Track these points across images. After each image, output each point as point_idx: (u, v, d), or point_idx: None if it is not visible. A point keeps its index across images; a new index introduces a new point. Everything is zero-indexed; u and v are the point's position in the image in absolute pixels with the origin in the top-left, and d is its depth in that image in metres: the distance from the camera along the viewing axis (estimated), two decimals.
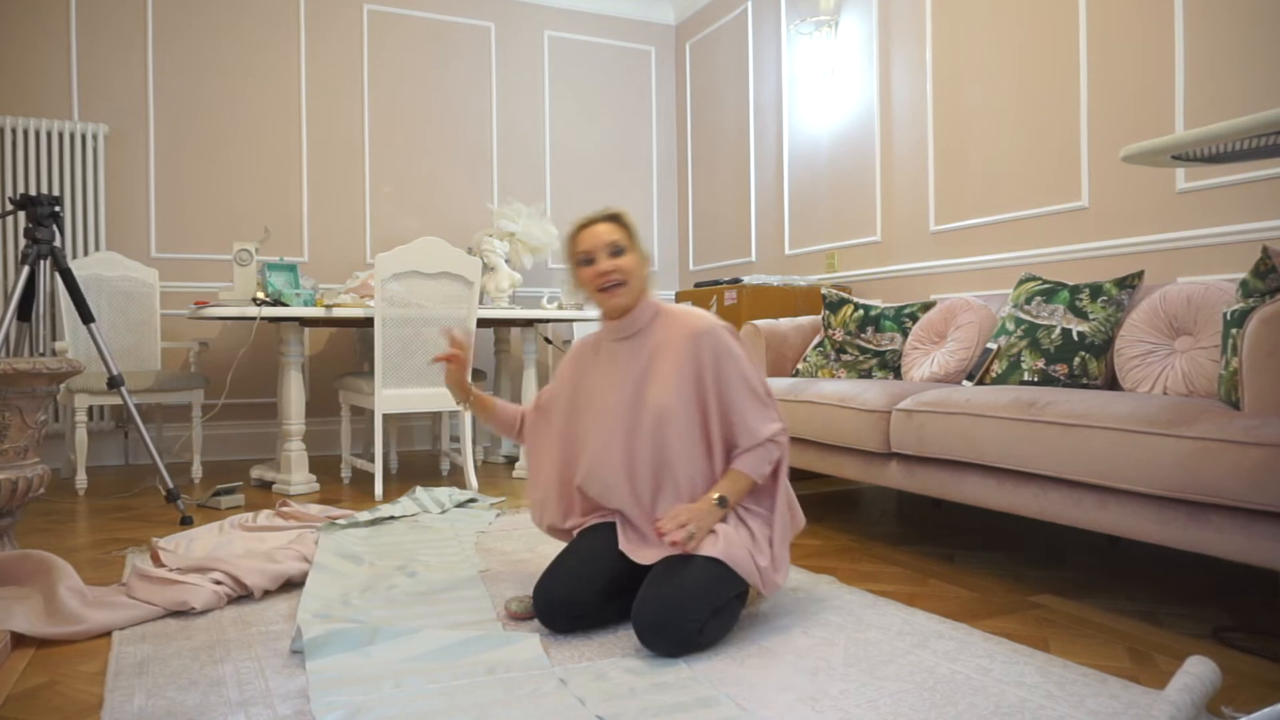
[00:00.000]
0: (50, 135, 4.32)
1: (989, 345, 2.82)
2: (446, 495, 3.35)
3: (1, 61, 4.33)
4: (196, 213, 4.72)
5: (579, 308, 4.23)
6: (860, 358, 3.31)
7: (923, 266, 3.91)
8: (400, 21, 5.17)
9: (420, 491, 3.36)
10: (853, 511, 3.33)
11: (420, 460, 4.72)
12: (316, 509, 3.03)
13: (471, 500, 3.41)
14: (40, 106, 4.39)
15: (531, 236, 4.65)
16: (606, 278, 1.94)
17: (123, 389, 3.19)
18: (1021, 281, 2.83)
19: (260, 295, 3.55)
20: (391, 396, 3.56)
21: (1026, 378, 2.60)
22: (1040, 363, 2.58)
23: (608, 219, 1.98)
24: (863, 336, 3.32)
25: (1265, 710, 1.21)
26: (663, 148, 5.92)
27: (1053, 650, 1.78)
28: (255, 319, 3.51)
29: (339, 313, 3.59)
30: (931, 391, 2.49)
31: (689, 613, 1.71)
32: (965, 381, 2.81)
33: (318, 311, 3.56)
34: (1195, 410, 1.79)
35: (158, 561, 2.37)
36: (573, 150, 5.65)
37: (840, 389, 2.78)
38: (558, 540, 2.18)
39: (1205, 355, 2.24)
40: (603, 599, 1.88)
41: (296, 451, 3.69)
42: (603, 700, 1.52)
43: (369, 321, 3.68)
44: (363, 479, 4.01)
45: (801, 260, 4.76)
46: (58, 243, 3.20)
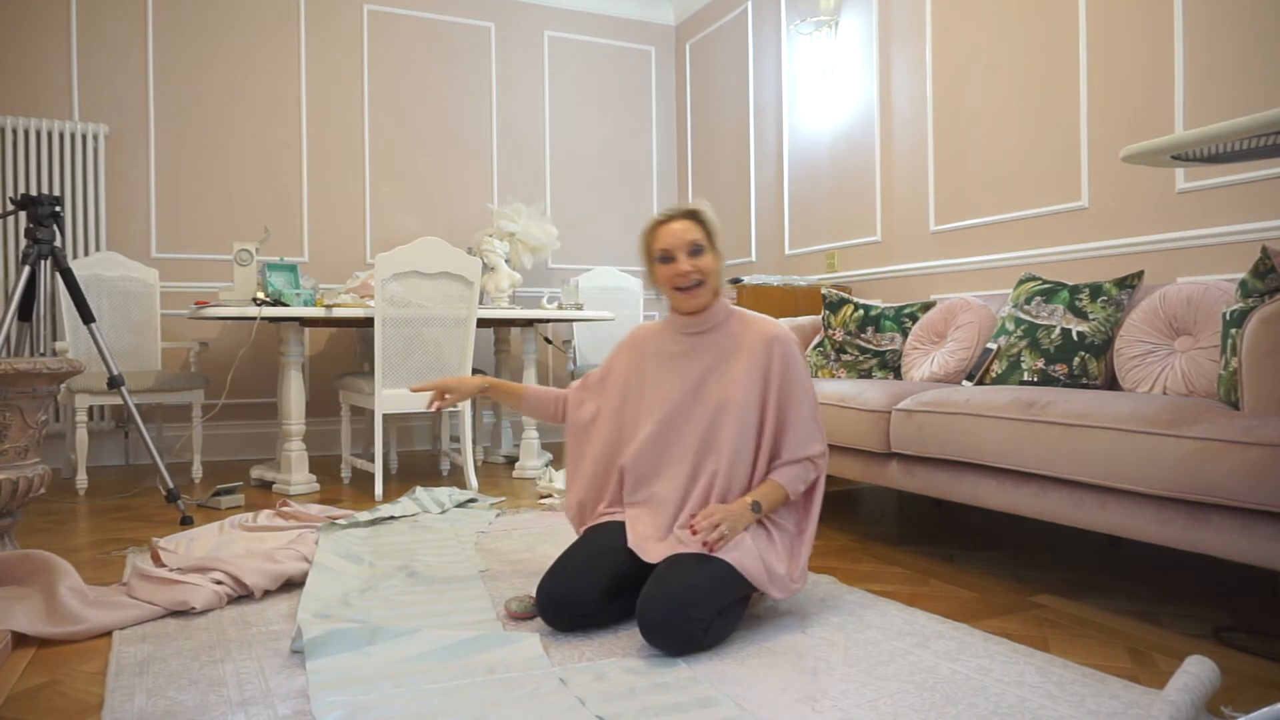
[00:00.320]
0: (50, 135, 4.33)
1: (989, 345, 2.82)
2: (446, 495, 3.35)
3: (1, 61, 4.34)
4: (196, 213, 4.72)
5: (579, 308, 4.23)
6: (860, 358, 3.31)
7: (923, 266, 3.92)
8: (400, 21, 5.17)
9: (420, 491, 3.36)
10: (853, 511, 3.33)
11: (420, 460, 4.72)
12: (316, 509, 3.03)
13: (471, 500, 3.42)
14: (40, 106, 4.39)
15: (531, 236, 4.65)
16: (686, 277, 1.96)
17: (123, 389, 3.19)
18: (1021, 281, 2.83)
19: (260, 295, 3.55)
20: (391, 396, 3.56)
21: (1026, 378, 2.60)
22: (1040, 363, 2.58)
23: (687, 215, 1.98)
24: (863, 336, 3.33)
25: (1265, 710, 1.21)
26: (663, 148, 5.92)
27: (1053, 650, 1.78)
28: (255, 319, 3.51)
29: (339, 313, 3.59)
30: (931, 391, 2.49)
31: (694, 612, 1.72)
32: (965, 381, 2.81)
33: (318, 311, 3.56)
34: (1195, 410, 1.80)
35: (158, 561, 2.38)
36: (573, 150, 5.65)
37: (840, 389, 2.78)
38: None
39: (1205, 355, 2.24)
40: (606, 598, 1.88)
41: (296, 451, 3.69)
42: (603, 700, 1.52)
43: (369, 321, 3.68)
44: (363, 479, 4.01)
45: (801, 260, 4.77)
46: (58, 243, 3.20)
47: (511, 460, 4.58)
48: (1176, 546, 1.80)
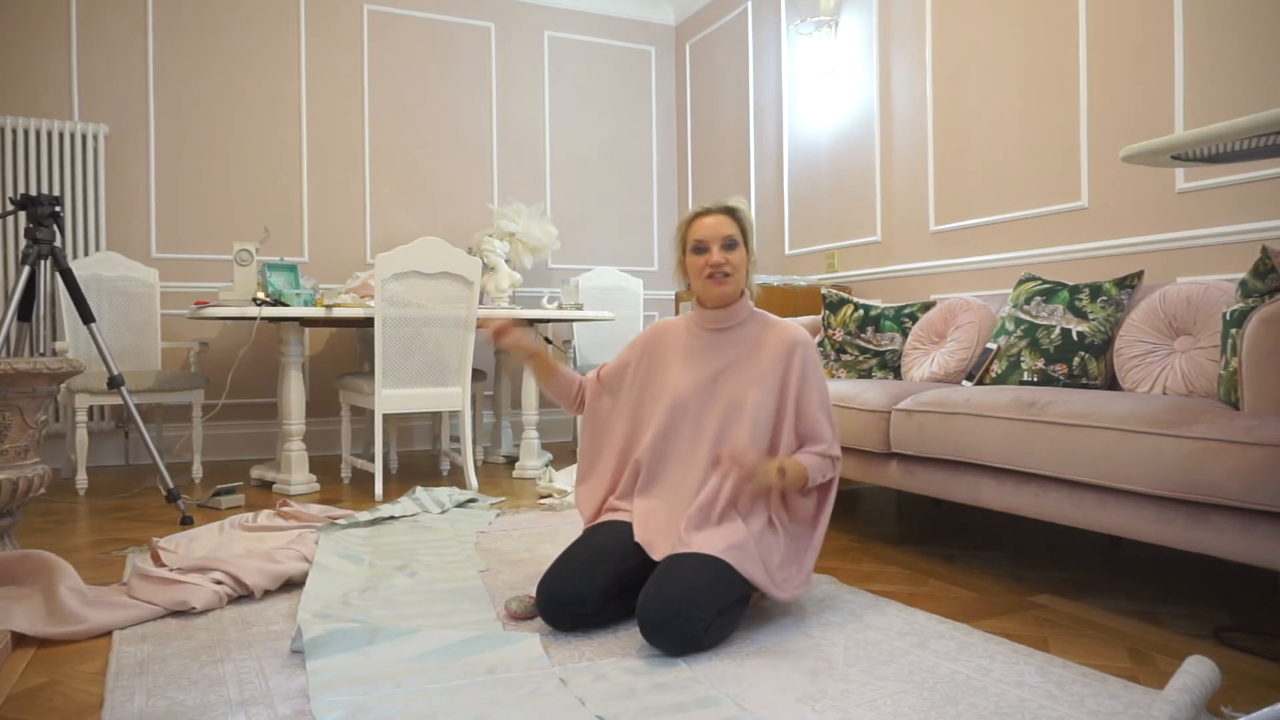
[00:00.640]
0: (50, 135, 4.33)
1: (989, 345, 2.82)
2: (446, 495, 3.35)
3: (1, 61, 4.34)
4: (196, 213, 4.72)
5: (578, 308, 4.23)
6: (860, 358, 3.31)
7: (923, 266, 3.92)
8: (400, 21, 5.17)
9: (420, 491, 3.36)
10: (853, 511, 3.33)
11: (420, 460, 4.72)
12: (316, 509, 3.03)
13: (471, 500, 3.42)
14: (40, 106, 4.39)
15: (531, 236, 4.65)
16: (718, 268, 1.99)
17: (123, 389, 3.19)
18: (1021, 281, 2.83)
19: (260, 295, 3.55)
20: (391, 396, 3.56)
21: (1026, 378, 2.60)
22: (1040, 363, 2.58)
23: (724, 211, 2.02)
24: (863, 336, 3.33)
25: (1265, 710, 1.21)
26: (663, 148, 5.92)
27: (1053, 650, 1.78)
28: (255, 319, 3.51)
29: (339, 313, 3.59)
30: (931, 391, 2.49)
31: (694, 611, 1.72)
32: (965, 381, 2.81)
33: (318, 311, 3.56)
34: (1195, 410, 1.80)
35: (158, 561, 2.38)
36: (573, 150, 5.65)
37: (840, 389, 2.78)
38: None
39: (1205, 355, 2.24)
40: (606, 597, 1.88)
41: (297, 451, 3.69)
42: (603, 700, 1.52)
43: (369, 321, 3.68)
44: (363, 479, 4.01)
45: (801, 260, 4.77)
46: (58, 243, 3.20)
47: (511, 460, 4.58)
48: (1176, 546, 1.80)
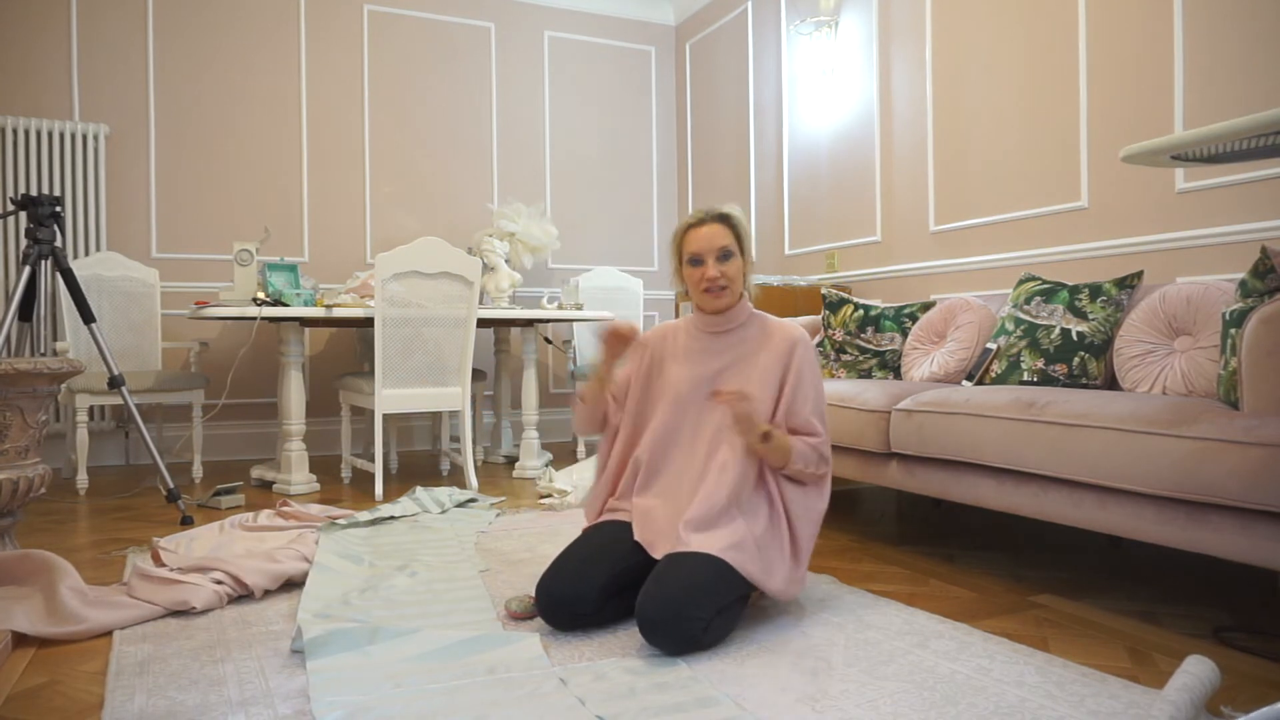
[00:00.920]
0: (50, 135, 4.33)
1: (989, 345, 2.82)
2: (446, 495, 3.35)
3: (1, 61, 4.34)
4: (197, 213, 4.72)
5: (578, 308, 4.23)
6: (860, 358, 3.31)
7: (922, 266, 3.92)
8: (400, 21, 5.17)
9: (420, 491, 3.36)
10: (853, 511, 3.33)
11: (420, 460, 4.72)
12: (317, 509, 3.03)
13: (471, 500, 3.42)
14: (40, 106, 4.39)
15: (531, 236, 4.65)
16: (713, 282, 2.00)
17: (123, 389, 3.19)
18: (1021, 281, 2.83)
19: (260, 295, 3.55)
20: (391, 396, 3.56)
21: (1026, 378, 2.60)
22: (1040, 363, 2.58)
23: (718, 219, 2.01)
24: (862, 336, 3.33)
25: (1264, 710, 1.21)
26: (663, 148, 5.92)
27: (1053, 650, 1.78)
28: (255, 319, 3.51)
29: (339, 313, 3.59)
30: (931, 391, 2.49)
31: (693, 610, 1.72)
32: (965, 381, 2.81)
33: (318, 311, 3.56)
34: (1194, 410, 1.80)
35: (158, 561, 2.38)
36: (573, 150, 5.65)
37: (840, 389, 2.78)
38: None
39: (1204, 355, 2.24)
40: (605, 596, 1.88)
41: (297, 451, 3.69)
42: (603, 700, 1.53)
43: (369, 321, 3.68)
44: (363, 479, 4.01)
45: (801, 260, 4.77)
46: (58, 243, 3.20)
47: (511, 460, 4.58)
48: (1176, 546, 1.80)
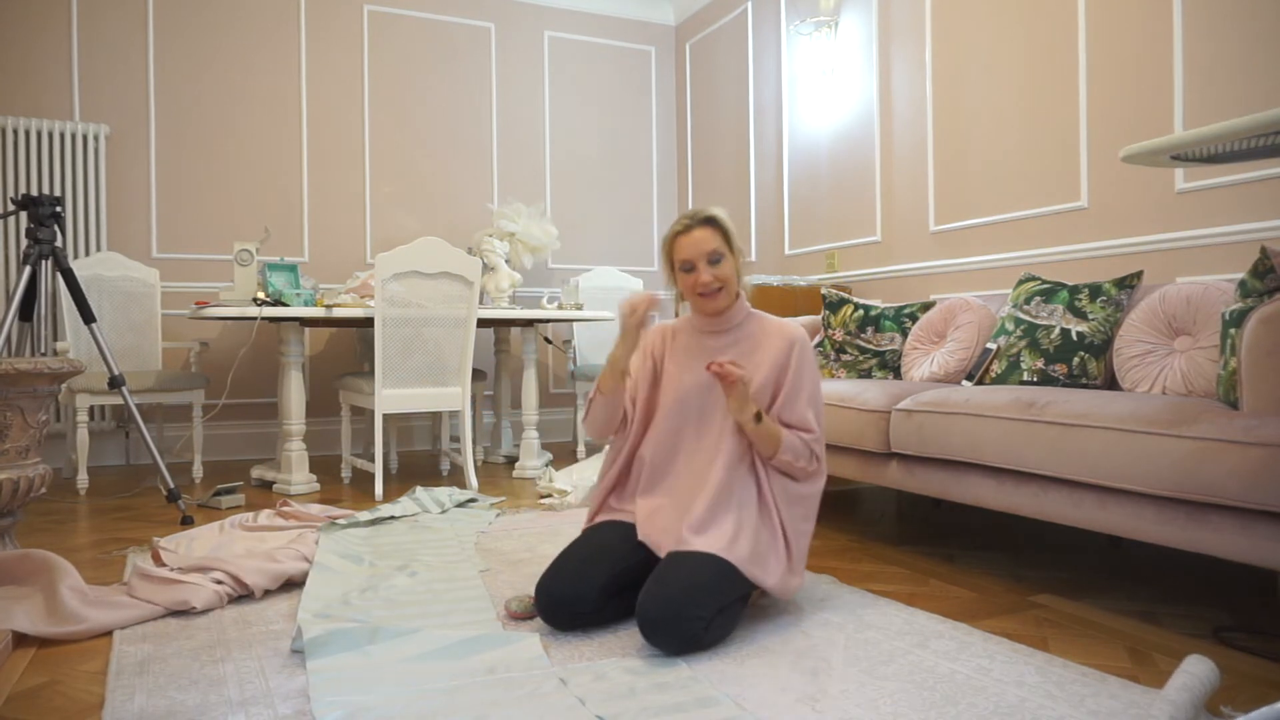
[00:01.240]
0: (51, 135, 4.33)
1: (988, 345, 2.82)
2: (446, 495, 3.35)
3: (1, 61, 4.34)
4: (197, 213, 4.72)
5: (578, 308, 4.23)
6: (860, 358, 3.31)
7: (922, 266, 3.92)
8: (400, 21, 5.17)
9: (420, 491, 3.36)
10: (853, 511, 3.33)
11: (420, 460, 4.72)
12: (317, 509, 3.03)
13: (471, 500, 3.42)
14: (41, 106, 4.39)
15: (531, 236, 4.65)
16: (707, 286, 2.01)
17: (124, 389, 3.19)
18: (1021, 281, 2.83)
19: (261, 295, 3.55)
20: (391, 396, 3.56)
21: (1026, 378, 2.60)
22: (1039, 363, 2.58)
23: (704, 223, 2.01)
24: (862, 336, 3.33)
25: (1264, 710, 1.21)
26: (663, 148, 5.92)
27: (1053, 650, 1.78)
28: (256, 319, 3.51)
29: (339, 313, 3.59)
30: (931, 391, 2.49)
31: (694, 610, 1.72)
32: (965, 381, 2.81)
33: (318, 311, 3.56)
34: (1194, 410, 1.80)
35: (159, 561, 2.38)
36: (573, 150, 5.65)
37: (840, 389, 2.78)
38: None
39: (1204, 355, 2.24)
40: (605, 596, 1.88)
41: (297, 451, 3.69)
42: (603, 700, 1.53)
43: (369, 321, 3.68)
44: (363, 479, 4.01)
45: (801, 260, 4.77)
46: (59, 243, 3.20)
47: (511, 460, 4.58)
48: (1176, 546, 1.80)
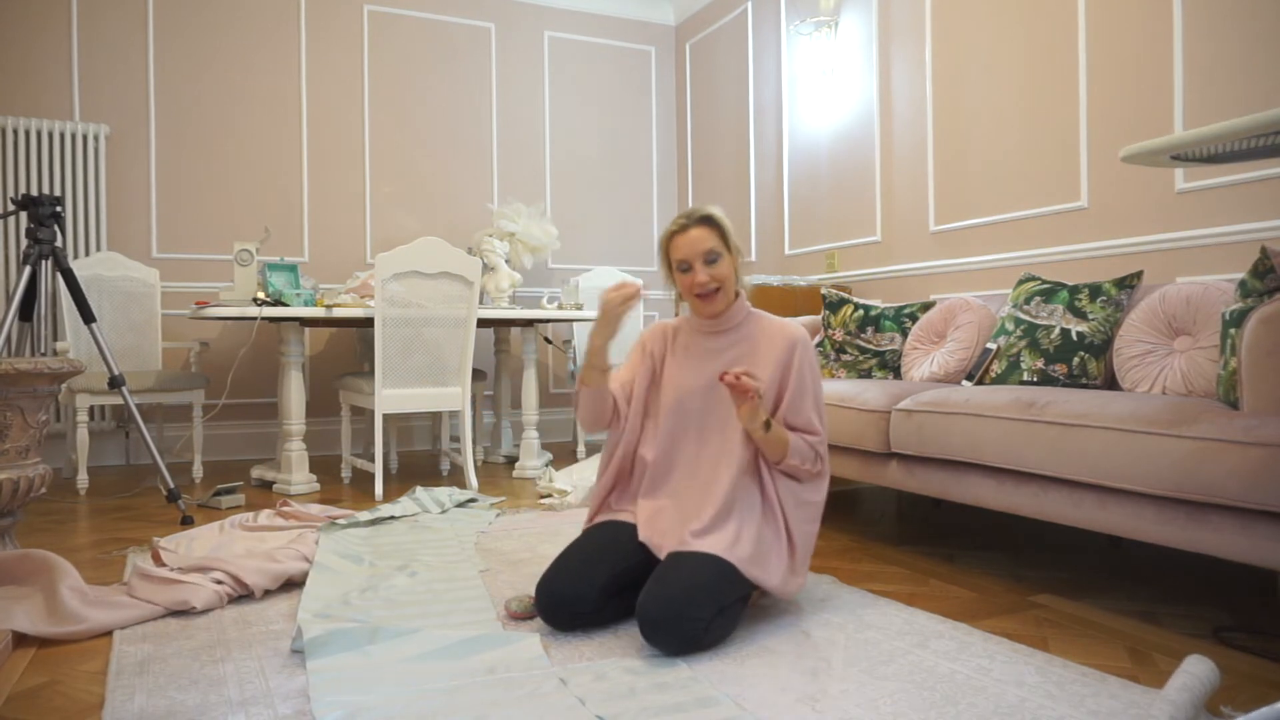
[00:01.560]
0: (51, 135, 4.33)
1: (988, 345, 2.82)
2: (446, 495, 3.35)
3: (1, 61, 4.34)
4: (197, 213, 4.72)
5: (578, 308, 4.23)
6: (860, 358, 3.31)
7: (922, 266, 3.92)
8: (400, 21, 5.17)
9: (420, 491, 3.36)
10: (853, 511, 3.33)
11: (420, 460, 4.72)
12: (317, 509, 3.03)
13: (471, 500, 3.42)
14: (41, 106, 4.39)
15: (531, 236, 4.65)
16: (703, 287, 2.00)
17: (124, 389, 3.19)
18: (1021, 281, 2.83)
19: (261, 295, 3.55)
20: (392, 396, 3.56)
21: (1026, 378, 2.60)
22: (1039, 363, 2.58)
23: (702, 222, 1.99)
24: (862, 336, 3.33)
25: (1264, 710, 1.21)
26: (663, 148, 5.92)
27: (1053, 650, 1.78)
28: (256, 319, 3.51)
29: (339, 313, 3.59)
30: (931, 391, 2.49)
31: (694, 610, 1.72)
32: (965, 381, 2.81)
33: (318, 311, 3.56)
34: (1194, 410, 1.80)
35: (159, 561, 2.38)
36: (573, 150, 5.65)
37: (840, 389, 2.78)
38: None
39: (1204, 355, 2.24)
40: (605, 596, 1.88)
41: (297, 451, 3.69)
42: (603, 700, 1.53)
43: (369, 321, 3.68)
44: (363, 479, 4.01)
45: (801, 260, 4.77)
46: (59, 243, 3.20)
47: (511, 460, 4.59)
48: (1176, 546, 1.80)
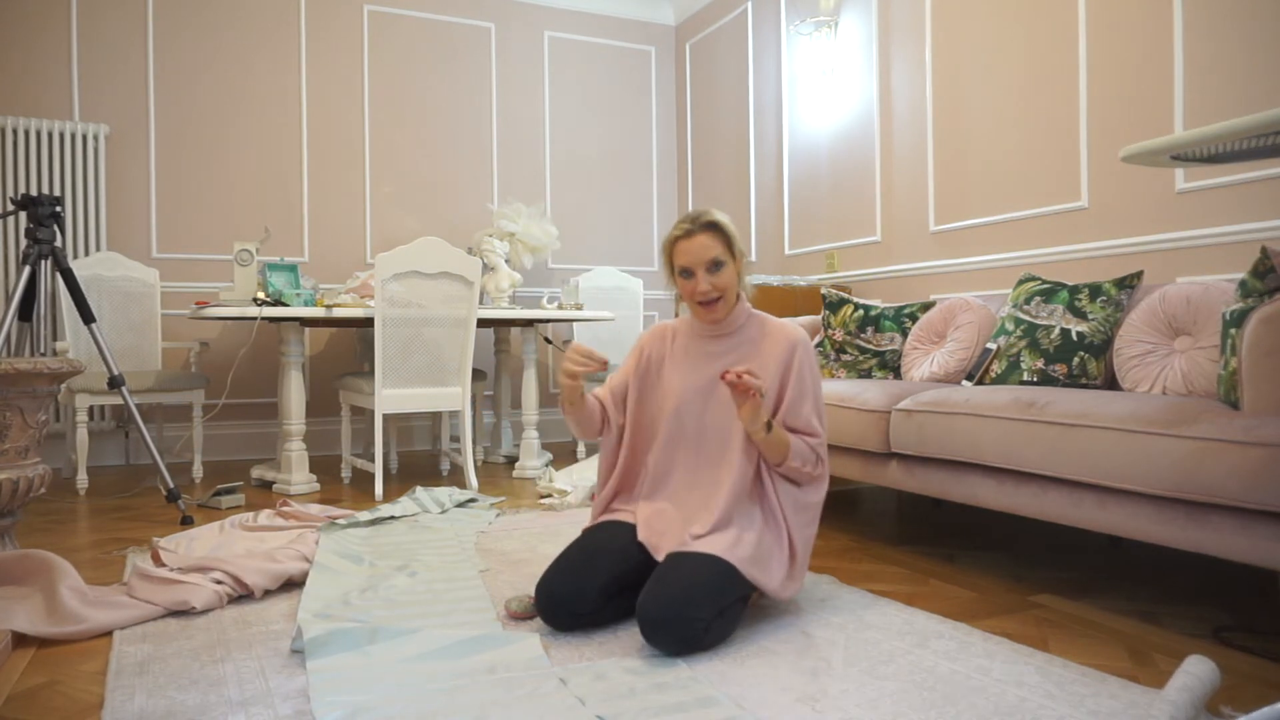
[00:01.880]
0: (51, 135, 4.33)
1: (988, 345, 2.82)
2: (446, 495, 3.35)
3: (1, 61, 4.34)
4: (197, 213, 4.72)
5: (578, 308, 4.23)
6: (860, 358, 3.31)
7: (922, 266, 3.92)
8: (400, 21, 5.17)
9: (420, 491, 3.36)
10: (853, 511, 3.33)
11: (420, 460, 4.72)
12: (317, 509, 3.03)
13: (471, 500, 3.42)
14: (40, 106, 4.39)
15: (531, 236, 4.65)
16: (705, 295, 1.99)
17: (123, 389, 3.19)
18: (1021, 281, 2.83)
19: (261, 295, 3.55)
20: (391, 396, 3.56)
21: (1026, 378, 2.60)
22: (1039, 363, 2.58)
23: (707, 228, 1.97)
24: (862, 336, 3.33)
25: (1264, 710, 1.21)
26: (663, 148, 5.92)
27: (1053, 650, 1.78)
28: (256, 319, 3.51)
29: (339, 313, 3.59)
30: (931, 391, 2.49)
31: (694, 611, 1.72)
32: (965, 381, 2.81)
33: (318, 311, 3.56)
34: (1194, 410, 1.80)
35: (158, 561, 2.38)
36: (573, 150, 5.65)
37: (840, 389, 2.78)
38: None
39: (1204, 355, 2.24)
40: (605, 596, 1.88)
41: (297, 451, 3.69)
42: (603, 700, 1.53)
43: (369, 321, 3.68)
44: (363, 479, 4.01)
45: (801, 260, 4.77)
46: (59, 243, 3.20)
47: (511, 460, 4.58)
48: (1176, 546, 1.80)
